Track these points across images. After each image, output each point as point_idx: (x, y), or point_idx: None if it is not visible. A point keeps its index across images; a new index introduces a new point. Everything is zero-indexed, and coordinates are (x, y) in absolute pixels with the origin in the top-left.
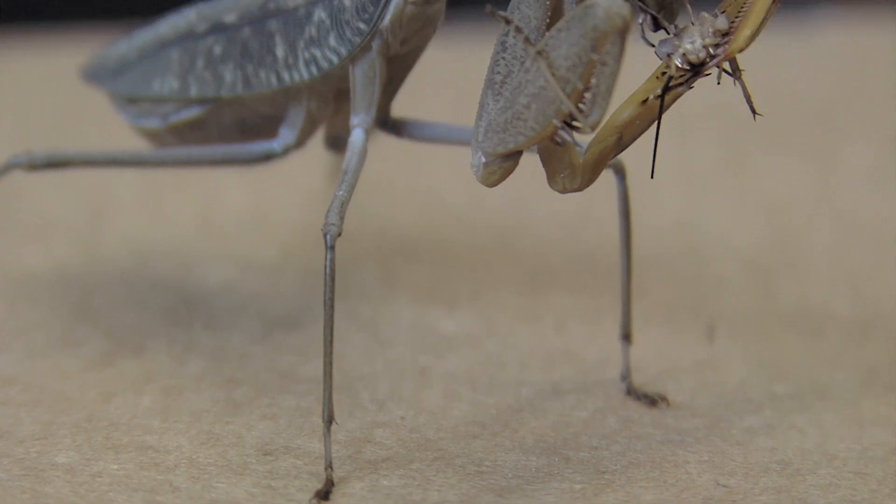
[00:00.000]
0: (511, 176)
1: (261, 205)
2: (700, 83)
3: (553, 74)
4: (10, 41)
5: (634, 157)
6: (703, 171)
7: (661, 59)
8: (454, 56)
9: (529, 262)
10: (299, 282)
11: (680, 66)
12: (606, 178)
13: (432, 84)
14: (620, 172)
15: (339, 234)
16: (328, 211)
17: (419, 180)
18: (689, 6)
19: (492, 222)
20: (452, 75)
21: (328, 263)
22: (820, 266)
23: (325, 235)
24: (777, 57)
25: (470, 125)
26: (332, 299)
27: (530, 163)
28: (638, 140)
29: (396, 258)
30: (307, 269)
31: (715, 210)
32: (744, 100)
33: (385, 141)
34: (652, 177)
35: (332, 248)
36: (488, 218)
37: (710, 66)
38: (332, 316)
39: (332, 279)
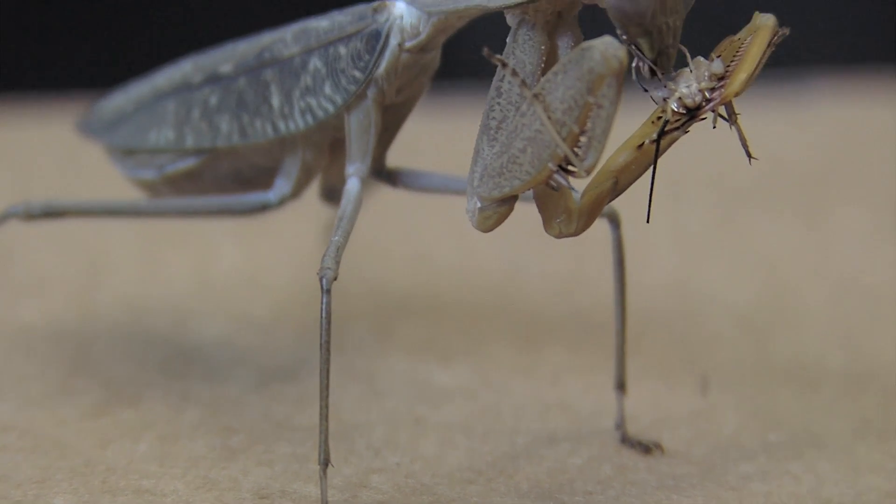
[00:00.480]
0: (504, 238)
1: (255, 263)
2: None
3: (549, 118)
4: (7, 106)
5: (628, 218)
6: (697, 233)
7: (656, 103)
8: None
9: (523, 320)
10: (295, 337)
11: (676, 109)
12: (598, 236)
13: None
14: (615, 221)
15: (335, 279)
16: (324, 256)
17: (412, 243)
18: (685, 51)
19: (485, 282)
20: (437, 145)
21: (324, 307)
22: (814, 323)
23: (321, 279)
24: (770, 126)
25: (464, 175)
26: (328, 342)
27: (522, 224)
28: (631, 201)
29: (391, 315)
30: (302, 325)
31: (709, 269)
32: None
33: (378, 205)
34: (648, 221)
35: (328, 291)
36: (481, 278)
37: (706, 110)
38: (328, 359)
39: (328, 322)
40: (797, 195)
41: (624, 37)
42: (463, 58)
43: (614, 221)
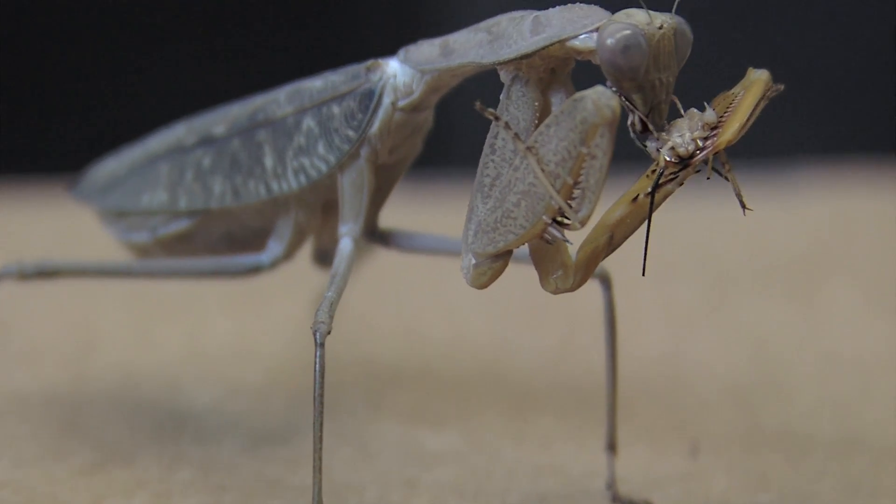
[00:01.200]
0: (493, 311)
1: (246, 332)
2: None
3: (543, 170)
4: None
5: (619, 292)
6: (687, 308)
7: (651, 155)
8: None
9: (514, 389)
10: (287, 403)
11: (669, 159)
12: (587, 310)
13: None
14: (606, 282)
15: (329, 332)
16: (318, 310)
17: (402, 317)
18: (677, 103)
19: (474, 354)
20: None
21: (318, 360)
22: (803, 393)
23: (314, 333)
24: (759, 212)
25: (457, 237)
26: (321, 395)
27: (511, 298)
28: (620, 276)
29: (383, 383)
30: (294, 392)
31: (698, 341)
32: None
33: (367, 278)
34: (643, 274)
35: (322, 345)
36: (470, 350)
37: (700, 159)
38: (321, 411)
39: (322, 375)
40: (785, 276)
41: (617, 91)
42: (441, 146)
43: (606, 282)
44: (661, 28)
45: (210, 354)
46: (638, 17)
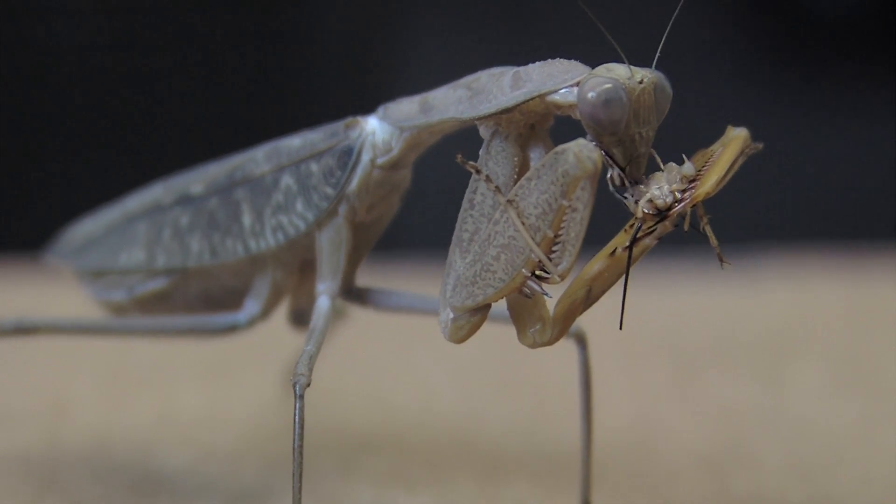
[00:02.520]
0: (464, 382)
1: (218, 400)
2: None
3: (523, 223)
4: None
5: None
6: (654, 384)
7: (629, 209)
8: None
9: (486, 454)
10: (261, 467)
11: (646, 212)
12: (558, 380)
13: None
14: (581, 341)
15: (308, 385)
16: (297, 363)
17: (373, 387)
18: (657, 157)
19: (446, 422)
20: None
21: (297, 412)
22: (772, 462)
23: (294, 385)
24: (722, 298)
25: (433, 295)
26: (301, 447)
27: (479, 369)
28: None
29: (355, 449)
30: (268, 456)
31: (666, 413)
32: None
33: (336, 347)
34: (620, 328)
35: (302, 397)
36: (442, 418)
37: (677, 211)
38: (300, 462)
39: (302, 427)
40: (751, 357)
41: (597, 145)
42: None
43: (581, 342)
44: (641, 83)
45: (183, 419)
46: (619, 71)
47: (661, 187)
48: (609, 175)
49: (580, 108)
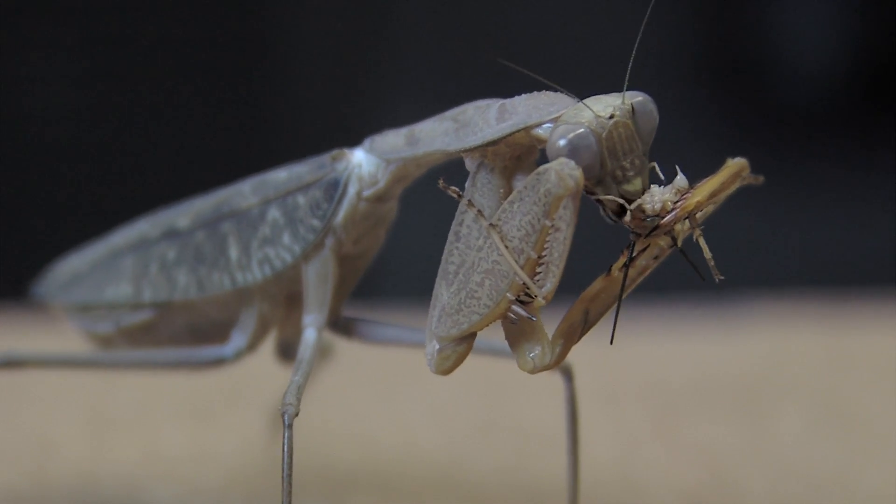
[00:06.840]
0: (446, 423)
1: (203, 438)
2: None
3: (506, 247)
4: None
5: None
6: (635, 425)
7: (626, 225)
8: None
9: (469, 494)
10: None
11: (638, 216)
12: (540, 419)
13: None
14: (568, 375)
15: (297, 415)
16: (285, 393)
17: (357, 426)
18: (658, 170)
19: (430, 462)
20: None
21: (286, 441)
22: (756, 494)
23: (283, 415)
24: (701, 345)
25: (419, 327)
26: (290, 475)
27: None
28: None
29: (341, 488)
30: (253, 494)
31: (648, 451)
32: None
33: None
34: (611, 343)
35: (290, 426)
36: (425, 458)
37: (669, 220)
38: (290, 491)
39: (290, 456)
40: (731, 401)
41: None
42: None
43: (567, 375)
44: (612, 118)
45: (169, 456)
46: (585, 113)
47: (653, 195)
48: (601, 211)
49: (549, 156)
